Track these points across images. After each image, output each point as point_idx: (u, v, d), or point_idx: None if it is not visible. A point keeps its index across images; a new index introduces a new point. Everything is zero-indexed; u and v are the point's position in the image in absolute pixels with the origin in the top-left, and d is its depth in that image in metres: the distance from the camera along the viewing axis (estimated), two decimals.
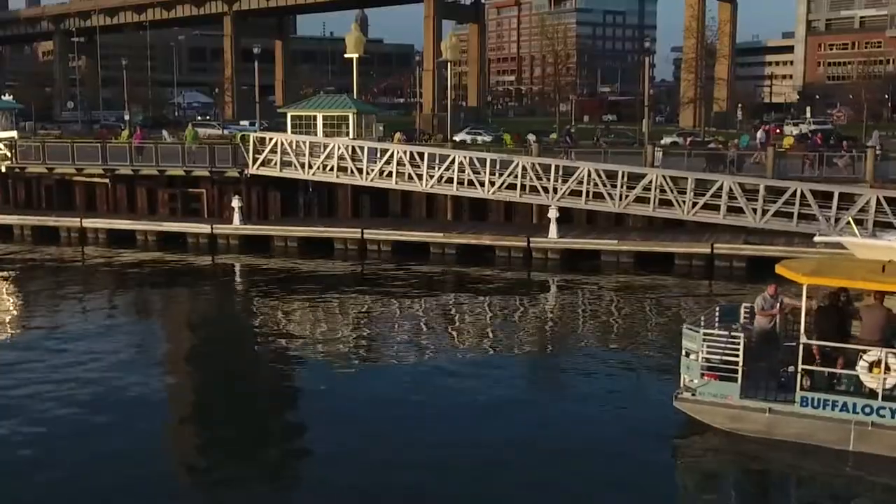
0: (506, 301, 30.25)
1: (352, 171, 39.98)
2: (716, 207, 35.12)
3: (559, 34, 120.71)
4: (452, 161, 38.60)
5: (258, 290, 33.13)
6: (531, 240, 35.92)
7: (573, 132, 61.19)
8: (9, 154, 44.87)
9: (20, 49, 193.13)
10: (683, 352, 17.09)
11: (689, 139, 63.61)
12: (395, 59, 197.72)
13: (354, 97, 51.77)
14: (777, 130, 76.61)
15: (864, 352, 15.73)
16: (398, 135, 56.66)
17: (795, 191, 34.10)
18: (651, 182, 35.90)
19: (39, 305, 30.98)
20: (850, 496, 15.20)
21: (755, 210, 34.50)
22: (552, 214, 35.86)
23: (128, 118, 75.74)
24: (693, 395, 16.88)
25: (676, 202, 35.57)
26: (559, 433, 17.58)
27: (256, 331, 27.07)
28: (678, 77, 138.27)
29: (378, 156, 40.05)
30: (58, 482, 15.30)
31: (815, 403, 15.93)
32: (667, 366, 20.41)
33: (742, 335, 16.56)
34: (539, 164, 38.03)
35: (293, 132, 42.84)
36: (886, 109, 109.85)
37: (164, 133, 63.71)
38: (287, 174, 40.90)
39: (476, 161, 38.75)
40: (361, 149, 40.25)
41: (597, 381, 21.26)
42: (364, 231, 38.02)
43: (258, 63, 63.30)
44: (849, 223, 31.57)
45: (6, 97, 52.39)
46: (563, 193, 37.03)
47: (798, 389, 16.05)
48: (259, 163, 40.95)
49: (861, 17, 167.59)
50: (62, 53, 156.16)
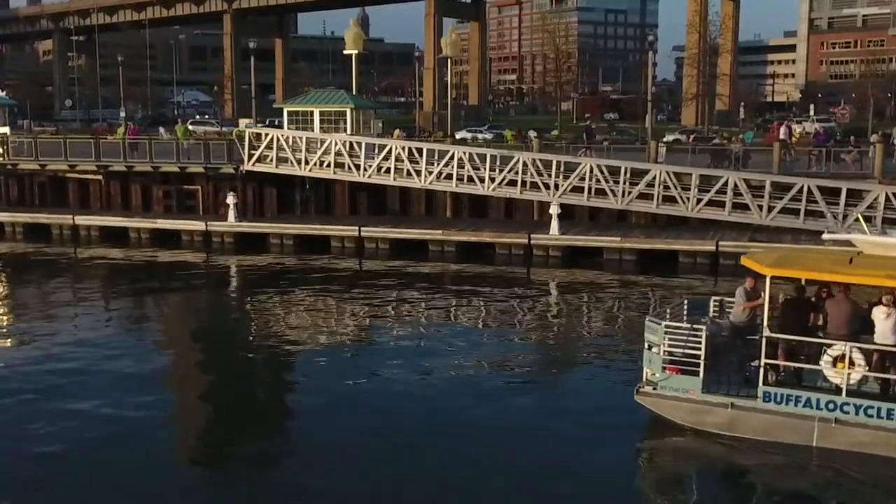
0: (506, 299, 29.56)
1: (349, 168, 39.26)
2: (721, 204, 34.43)
3: (560, 31, 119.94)
4: (452, 157, 37.88)
5: (252, 289, 32.51)
6: (532, 237, 35.25)
7: (594, 128, 59.97)
8: (0, 150, 44.17)
9: (21, 48, 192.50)
10: (646, 345, 16.72)
11: (693, 136, 62.81)
12: (397, 59, 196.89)
13: (353, 93, 51.13)
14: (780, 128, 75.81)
15: (829, 346, 15.31)
16: (397, 132, 55.93)
17: (802, 187, 33.42)
18: (654, 178, 35.22)
19: (29, 305, 30.17)
20: (813, 494, 14.70)
21: (761, 207, 33.82)
22: (553, 211, 35.17)
23: (123, 115, 75.03)
24: (654, 389, 16.49)
25: (680, 199, 34.89)
26: (529, 432, 17.10)
27: (250, 330, 26.46)
28: (680, 76, 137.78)
29: (376, 152, 39.33)
30: (51, 482, 14.91)
31: (778, 399, 15.54)
32: None
33: (704, 328, 16.10)
34: (540, 160, 37.32)
35: (290, 128, 42.14)
36: (889, 107, 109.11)
37: (161, 130, 62.93)
38: (283, 170, 40.18)
39: (476, 157, 38.04)
40: (359, 145, 39.51)
41: (580, 378, 21.18)
42: (361, 229, 37.29)
43: (257, 60, 62.54)
44: (857, 220, 30.79)
45: (0, 93, 51.70)
46: (565, 190, 36.33)
47: (760, 384, 15.64)
48: (255, 159, 40.23)
49: (864, 16, 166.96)
50: (61, 52, 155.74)
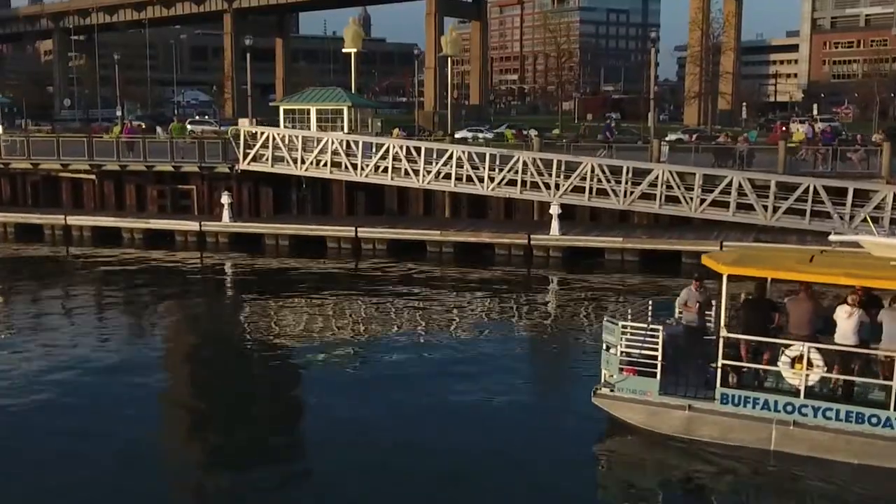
0: (505, 301, 28.94)
1: (346, 167, 38.57)
2: (724, 204, 33.78)
3: (562, 31, 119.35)
4: (450, 156, 37.19)
5: (247, 290, 31.93)
6: (532, 237, 34.59)
7: (614, 125, 58.98)
8: None
9: (22, 48, 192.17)
10: (604, 346, 16.38)
11: (696, 135, 62.12)
12: (398, 59, 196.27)
13: (353, 92, 50.49)
14: (783, 128, 75.31)
15: (787, 347, 14.89)
16: (396, 131, 55.37)
17: (808, 187, 32.76)
18: (657, 178, 34.55)
19: (19, 307, 29.58)
20: (769, 500, 14.40)
21: (766, 207, 33.17)
22: (554, 211, 34.52)
23: (119, 114, 74.42)
24: (612, 391, 16.10)
25: (683, 199, 34.23)
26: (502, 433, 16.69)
27: (243, 332, 25.90)
28: (682, 76, 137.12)
29: (373, 151, 38.64)
30: (43, 487, 14.46)
31: (736, 401, 15.14)
32: None
33: (661, 329, 15.72)
34: (540, 160, 36.64)
35: (286, 126, 41.47)
36: (893, 107, 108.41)
37: (158, 130, 62.28)
38: (279, 170, 39.51)
39: (475, 156, 37.37)
40: (356, 143, 38.82)
41: (559, 380, 20.71)
42: (358, 229, 36.61)
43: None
44: (865, 221, 30.13)
45: None
46: (566, 190, 35.65)
47: (718, 386, 15.24)
48: (250, 158, 39.55)
49: (866, 15, 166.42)
50: (62, 52, 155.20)
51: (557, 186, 35.71)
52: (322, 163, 38.84)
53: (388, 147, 38.15)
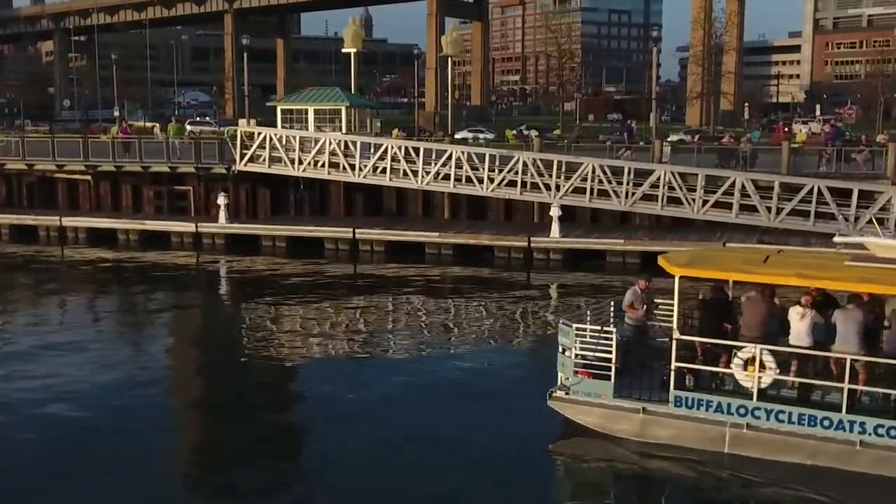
0: (504, 304, 28.43)
1: (344, 168, 38.09)
2: (727, 206, 33.29)
3: (563, 31, 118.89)
4: (449, 157, 36.71)
5: (243, 292, 31.63)
6: (532, 239, 34.13)
7: (633, 126, 58.26)
8: None
9: (23, 48, 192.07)
10: (560, 348, 16.24)
11: (698, 136, 61.66)
12: (399, 59, 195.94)
13: (352, 92, 50.11)
14: (786, 129, 74.90)
15: (740, 348, 14.76)
16: (396, 131, 54.97)
17: (812, 188, 32.27)
18: (659, 179, 34.06)
19: (12, 310, 29.10)
20: (722, 502, 14.26)
21: (769, 208, 32.67)
22: (554, 213, 34.04)
23: (117, 114, 74.04)
24: (567, 394, 16.00)
25: (686, 200, 33.75)
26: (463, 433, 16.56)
27: (239, 334, 25.48)
28: (684, 77, 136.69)
29: (371, 151, 38.18)
30: (38, 489, 14.34)
31: (689, 403, 15.00)
32: None
33: (615, 331, 15.67)
34: (541, 160, 36.16)
35: (284, 127, 41.03)
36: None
37: (157, 130, 61.86)
38: (276, 170, 39.04)
39: (474, 157, 36.89)
40: (354, 144, 38.36)
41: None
42: (356, 230, 36.16)
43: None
44: (870, 222, 29.65)
45: None
46: (566, 191, 35.16)
47: (672, 389, 15.09)
48: (247, 158, 39.08)
49: (869, 16, 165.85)
50: (62, 52, 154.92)
51: (558, 187, 35.24)
52: (320, 163, 38.37)
53: (387, 147, 37.68)
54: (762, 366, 14.56)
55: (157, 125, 66.64)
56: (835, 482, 13.92)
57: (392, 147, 37.69)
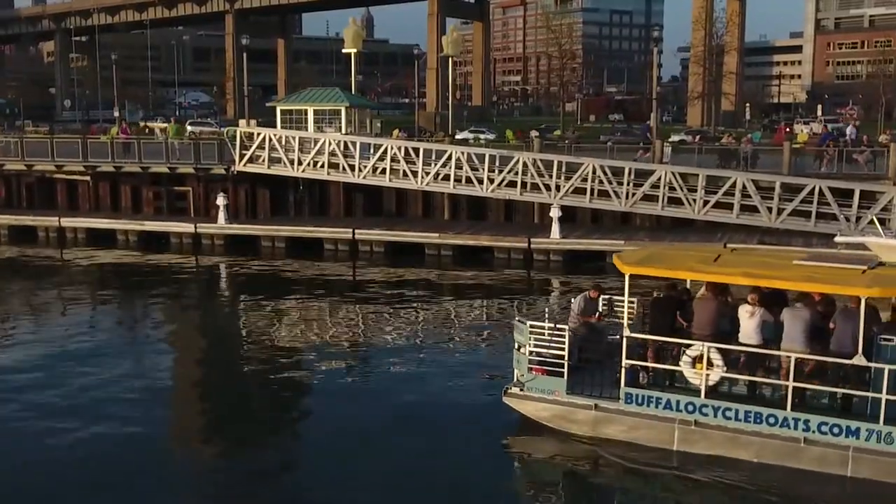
0: (502, 306, 28.33)
1: (343, 168, 37.98)
2: (728, 206, 33.16)
3: (564, 30, 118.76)
4: (449, 157, 36.59)
5: (242, 294, 31.51)
6: (532, 240, 34.01)
7: (652, 127, 57.94)
8: None
9: (24, 49, 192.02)
10: (516, 345, 16.50)
11: (699, 136, 61.48)
12: (401, 59, 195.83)
13: (352, 92, 50.04)
14: (787, 129, 74.77)
15: (688, 346, 15.04)
16: (396, 132, 54.81)
17: (813, 188, 32.14)
18: (660, 179, 33.93)
19: (11, 311, 28.94)
20: (669, 498, 14.39)
21: (770, 209, 32.54)
22: (554, 213, 33.94)
23: (117, 115, 73.96)
24: (522, 391, 16.23)
25: (686, 200, 33.62)
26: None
27: (239, 336, 25.55)
28: (685, 77, 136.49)
29: (371, 152, 38.07)
30: (38, 493, 14.32)
31: (640, 400, 15.28)
32: None
33: (567, 328, 15.97)
34: (541, 161, 36.03)
35: (283, 127, 40.92)
36: None
37: (157, 131, 61.73)
38: (275, 171, 38.92)
39: (474, 157, 36.76)
40: (353, 144, 38.24)
41: None
42: (355, 231, 36.06)
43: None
44: (871, 223, 29.52)
45: None
46: (566, 191, 35.04)
47: (623, 386, 15.39)
48: (246, 159, 38.97)
49: (871, 16, 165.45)
50: (63, 52, 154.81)
51: (558, 188, 35.12)
52: (319, 164, 38.27)
53: (386, 148, 37.56)
54: (710, 363, 14.75)
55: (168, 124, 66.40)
56: (780, 479, 14.03)
57: (392, 147, 37.59)
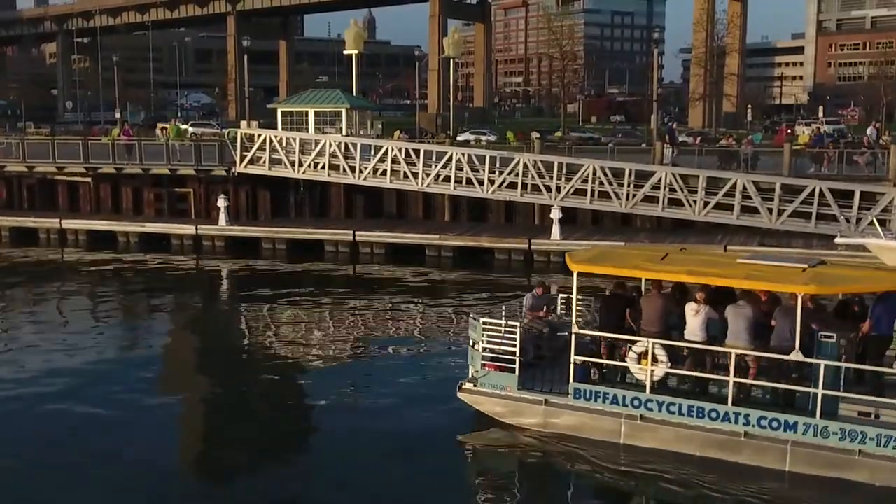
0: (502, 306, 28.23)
1: (344, 170, 37.98)
2: (729, 207, 33.11)
3: (565, 32, 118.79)
4: (450, 158, 36.58)
5: (243, 295, 31.47)
6: (533, 242, 34.01)
7: (676, 127, 57.73)
8: None
9: (26, 50, 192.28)
10: (470, 342, 16.87)
11: (700, 137, 61.51)
12: (403, 61, 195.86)
13: (354, 94, 50.05)
14: (788, 131, 74.76)
15: (634, 343, 15.39)
16: (397, 133, 54.89)
17: (814, 189, 32.09)
18: (660, 180, 33.90)
19: (12, 313, 28.91)
20: (614, 493, 14.69)
21: (771, 210, 32.49)
22: (555, 215, 33.93)
23: (118, 116, 74.02)
24: (475, 386, 16.61)
25: (687, 202, 33.59)
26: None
27: (240, 338, 25.46)
28: (687, 79, 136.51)
29: (372, 153, 38.07)
30: (39, 494, 14.32)
31: (588, 396, 15.65)
32: None
33: (518, 325, 16.29)
34: (541, 162, 36.02)
35: (284, 129, 40.93)
36: None
37: (158, 132, 61.73)
38: (276, 172, 38.93)
39: (475, 158, 36.75)
40: (354, 146, 38.25)
41: None
42: (356, 233, 36.07)
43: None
44: (872, 224, 29.47)
45: None
46: (567, 192, 35.02)
47: (572, 381, 15.73)
48: (247, 161, 38.99)
49: (872, 17, 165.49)
50: (65, 54, 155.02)
51: (558, 189, 35.11)
52: (320, 165, 38.28)
53: (387, 149, 37.57)
54: (654, 359, 15.05)
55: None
56: (722, 472, 14.29)
57: (392, 149, 37.60)
